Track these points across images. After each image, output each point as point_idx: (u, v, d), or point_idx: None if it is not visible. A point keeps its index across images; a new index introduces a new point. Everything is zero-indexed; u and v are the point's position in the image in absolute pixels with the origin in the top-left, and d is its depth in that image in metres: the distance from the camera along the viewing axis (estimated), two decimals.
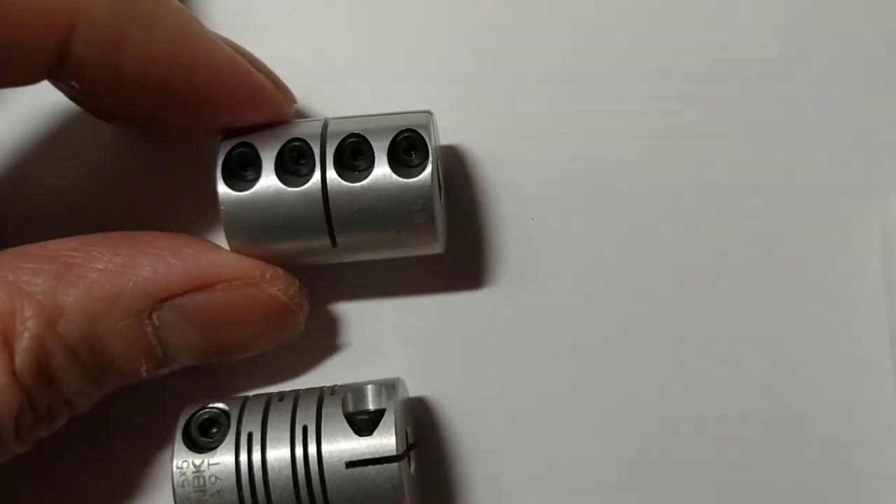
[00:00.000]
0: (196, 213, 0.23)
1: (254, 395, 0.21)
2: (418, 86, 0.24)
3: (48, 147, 0.24)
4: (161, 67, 0.20)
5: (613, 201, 0.24)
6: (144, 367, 0.20)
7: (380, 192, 0.20)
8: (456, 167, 0.24)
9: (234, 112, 0.21)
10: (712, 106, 0.24)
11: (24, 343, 0.18)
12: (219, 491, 0.19)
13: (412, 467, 0.21)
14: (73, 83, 0.20)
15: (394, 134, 0.20)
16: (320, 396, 0.20)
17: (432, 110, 0.22)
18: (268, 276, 0.21)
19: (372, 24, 0.24)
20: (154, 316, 0.20)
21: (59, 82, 0.21)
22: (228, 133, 0.21)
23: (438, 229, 0.21)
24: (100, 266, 0.19)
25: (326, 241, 0.21)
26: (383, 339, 0.23)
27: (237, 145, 0.21)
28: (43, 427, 0.19)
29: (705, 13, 0.24)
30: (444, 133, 0.23)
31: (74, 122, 0.24)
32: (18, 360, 0.18)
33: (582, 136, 0.24)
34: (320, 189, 0.20)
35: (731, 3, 0.24)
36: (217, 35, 0.21)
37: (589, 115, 0.24)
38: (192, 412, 0.20)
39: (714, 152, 0.24)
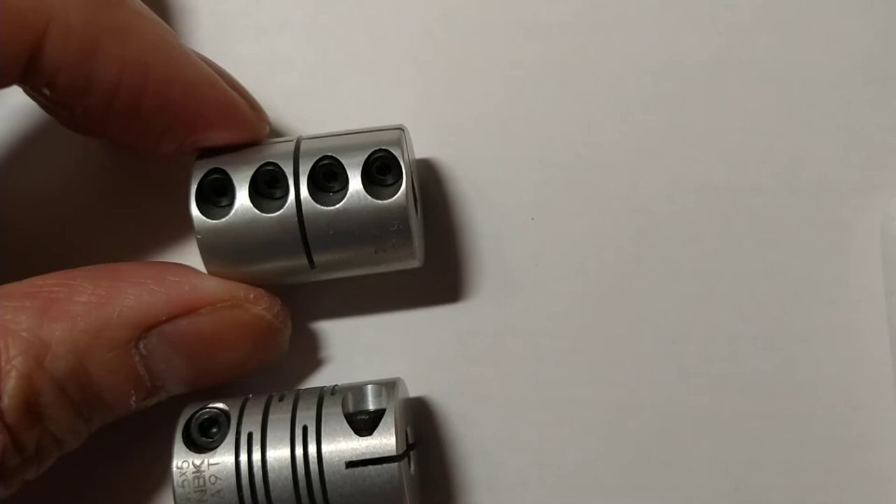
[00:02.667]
0: (173, 223, 0.23)
1: (254, 396, 0.21)
2: (412, 85, 0.24)
3: (22, 160, 0.24)
4: (133, 78, 0.19)
5: (614, 201, 0.24)
6: (134, 398, 0.20)
7: (355, 214, 0.20)
8: (445, 169, 0.24)
9: (206, 130, 0.21)
10: (712, 106, 0.24)
11: (11, 382, 0.18)
12: (219, 491, 0.19)
13: (412, 467, 0.21)
14: (45, 90, 0.20)
15: (366, 155, 0.20)
16: (320, 396, 0.20)
17: (424, 109, 0.22)
18: (251, 297, 0.21)
19: (366, 24, 0.24)
20: (141, 345, 0.20)
21: (31, 90, 0.20)
22: (201, 154, 0.21)
23: (415, 245, 0.21)
24: (83, 299, 0.19)
25: (304, 263, 0.21)
26: (383, 340, 0.23)
27: (210, 171, 0.20)
28: (31, 469, 0.19)
29: (705, 13, 0.24)
30: (437, 132, 0.23)
31: (48, 133, 0.24)
32: (6, 399, 0.18)
33: (580, 137, 0.24)
34: (295, 214, 0.20)
35: (731, 3, 0.24)
36: (194, 52, 0.21)
37: (587, 117, 0.24)
38: (192, 412, 0.20)
39: (714, 152, 0.24)
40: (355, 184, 0.20)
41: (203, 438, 0.20)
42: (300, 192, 0.20)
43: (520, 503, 0.23)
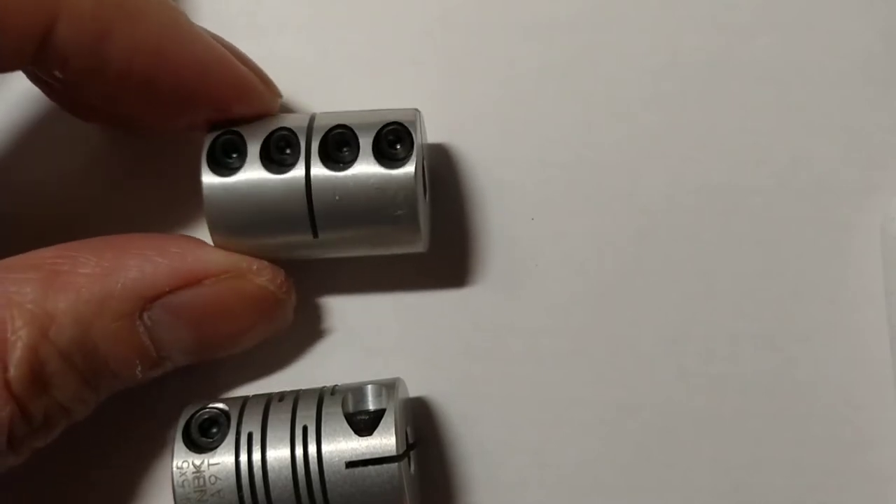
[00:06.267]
0: (180, 207, 0.23)
1: (254, 396, 0.21)
2: (413, 85, 0.24)
3: (26, 144, 0.24)
4: (146, 60, 0.20)
5: (614, 201, 0.24)
6: (140, 369, 0.20)
7: (362, 182, 0.20)
8: (448, 166, 0.24)
9: (220, 108, 0.21)
10: (712, 106, 0.24)
11: (17, 353, 0.18)
12: (219, 491, 0.19)
13: (412, 467, 0.21)
14: (56, 73, 0.20)
15: (380, 126, 0.21)
16: (320, 396, 0.20)
17: (425, 109, 0.22)
18: (255, 268, 0.21)
19: (367, 24, 0.24)
20: (145, 316, 0.20)
21: (42, 73, 0.20)
22: (215, 125, 0.21)
23: (421, 224, 0.21)
24: (86, 271, 0.19)
25: (308, 231, 0.21)
26: (382, 339, 0.23)
27: (223, 132, 0.21)
28: (39, 437, 0.19)
29: (705, 13, 0.24)
30: (437, 132, 0.23)
31: (54, 119, 0.23)
32: (12, 370, 0.18)
33: (580, 137, 0.24)
34: (304, 177, 0.20)
35: (731, 3, 0.24)
36: (204, 30, 0.21)
37: (588, 116, 0.24)
38: (192, 412, 0.20)
39: (714, 152, 0.24)
40: (366, 153, 0.20)
41: (203, 438, 0.20)
42: (311, 156, 0.20)
43: (520, 503, 0.23)
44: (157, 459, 0.22)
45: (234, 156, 0.21)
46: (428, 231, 0.22)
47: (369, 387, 0.21)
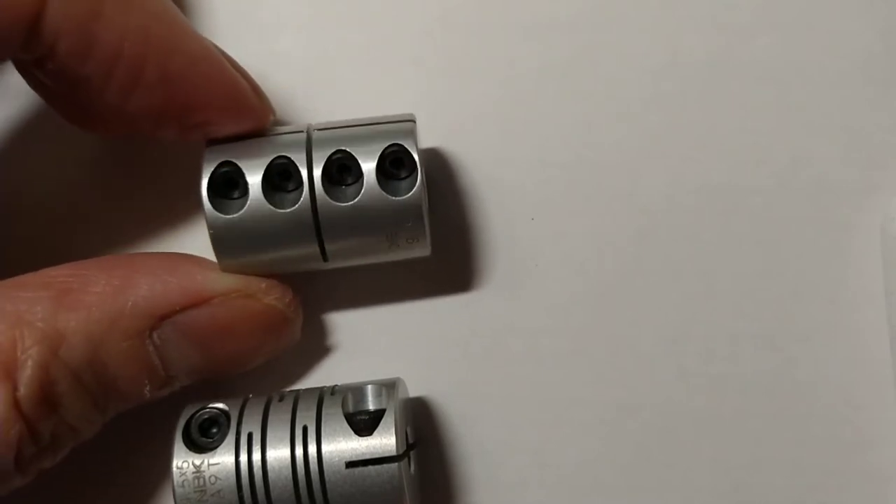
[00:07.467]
0: (180, 214, 0.23)
1: (254, 396, 0.21)
2: (412, 84, 0.24)
3: (26, 152, 0.24)
4: (135, 46, 0.19)
5: (614, 201, 0.24)
6: (148, 388, 0.20)
7: (370, 210, 0.20)
8: (448, 166, 0.24)
9: (207, 110, 0.20)
10: (712, 106, 0.24)
11: (27, 372, 0.18)
12: (219, 491, 0.19)
13: (412, 467, 0.21)
14: (48, 64, 0.19)
15: (380, 150, 0.20)
16: (320, 396, 0.20)
17: (425, 109, 0.22)
18: (263, 287, 0.21)
19: (367, 24, 0.24)
20: (154, 335, 0.20)
21: (31, 63, 0.20)
22: (209, 143, 0.21)
23: (427, 237, 0.21)
24: (97, 289, 0.19)
25: (318, 256, 0.21)
26: (382, 340, 0.23)
27: (221, 164, 0.20)
28: (46, 457, 0.19)
29: (705, 13, 0.24)
30: (436, 132, 0.24)
31: (54, 128, 0.23)
32: (22, 389, 0.18)
33: (580, 137, 0.24)
34: (310, 209, 0.20)
35: (731, 3, 0.24)
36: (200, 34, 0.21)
37: (588, 116, 0.24)
38: (192, 412, 0.20)
39: (714, 152, 0.24)
40: (370, 179, 0.20)
41: (203, 438, 0.20)
42: (314, 187, 0.20)
43: (520, 503, 0.23)
44: (158, 459, 0.22)
45: (235, 189, 0.20)
46: (430, 234, 0.22)
47: (369, 387, 0.21)
